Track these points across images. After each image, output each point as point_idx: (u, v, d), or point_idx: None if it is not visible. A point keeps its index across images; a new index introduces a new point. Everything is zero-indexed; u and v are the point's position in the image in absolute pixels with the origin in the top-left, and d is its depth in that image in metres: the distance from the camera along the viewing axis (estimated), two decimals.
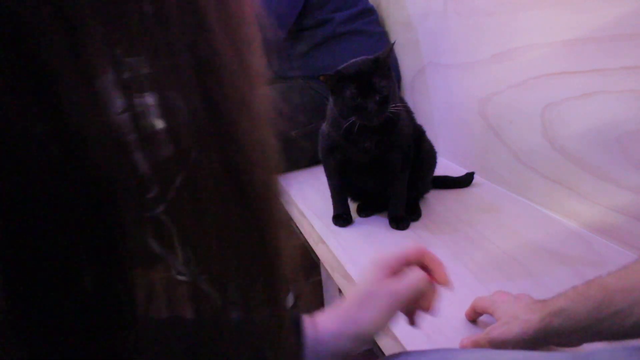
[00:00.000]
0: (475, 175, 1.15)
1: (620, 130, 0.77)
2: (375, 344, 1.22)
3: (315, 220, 1.06)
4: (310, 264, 1.68)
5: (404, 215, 0.98)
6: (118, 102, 0.20)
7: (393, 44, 0.91)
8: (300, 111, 1.33)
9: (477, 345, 0.58)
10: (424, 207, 1.04)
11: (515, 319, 0.54)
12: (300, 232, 1.15)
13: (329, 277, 1.04)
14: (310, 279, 1.60)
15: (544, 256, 0.82)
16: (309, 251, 1.74)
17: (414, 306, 0.52)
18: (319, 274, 1.34)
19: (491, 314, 0.61)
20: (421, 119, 1.13)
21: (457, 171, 1.18)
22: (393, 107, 0.87)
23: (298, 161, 1.38)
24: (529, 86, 0.95)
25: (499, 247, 0.86)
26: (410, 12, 1.36)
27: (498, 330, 0.55)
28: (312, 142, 1.35)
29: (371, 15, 1.40)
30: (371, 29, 1.38)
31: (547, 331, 0.51)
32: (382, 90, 0.85)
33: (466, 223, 0.96)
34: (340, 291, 1.11)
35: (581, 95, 0.83)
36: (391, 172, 0.96)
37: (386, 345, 0.74)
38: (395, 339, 0.69)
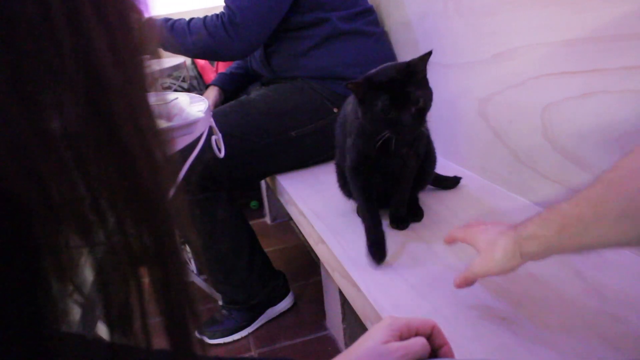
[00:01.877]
0: (475, 175, 1.15)
1: (620, 130, 0.77)
2: None
3: (315, 220, 1.06)
4: (310, 264, 1.68)
5: (404, 215, 0.98)
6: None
7: (430, 53, 0.80)
8: (300, 111, 1.32)
9: (466, 280, 0.65)
10: (424, 207, 1.04)
11: (493, 245, 0.60)
12: (300, 232, 1.14)
13: (329, 277, 1.04)
14: (310, 279, 1.60)
15: None
16: (309, 251, 1.74)
17: None
18: (319, 274, 1.34)
19: (470, 244, 0.67)
20: None
21: (457, 171, 1.18)
22: None
23: (298, 161, 1.38)
24: (529, 86, 0.95)
25: None
26: (410, 12, 1.36)
27: (480, 262, 0.62)
28: (312, 142, 1.36)
29: (371, 15, 1.40)
30: (371, 29, 1.38)
31: (522, 254, 0.57)
32: (418, 100, 0.76)
33: (466, 223, 0.96)
34: (340, 291, 1.11)
35: (581, 95, 0.83)
36: (404, 176, 0.93)
37: None
38: None
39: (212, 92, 1.58)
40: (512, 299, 0.71)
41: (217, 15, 1.28)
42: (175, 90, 1.88)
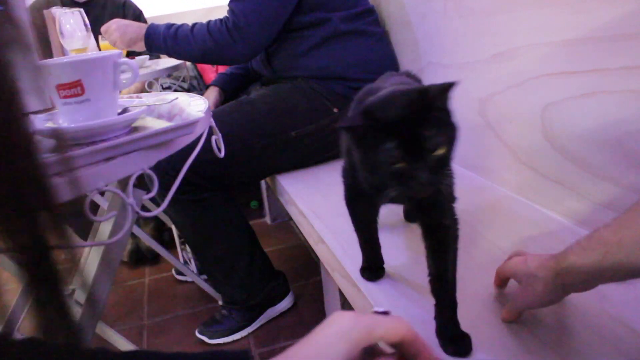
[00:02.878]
0: (475, 175, 1.15)
1: (620, 130, 0.77)
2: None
3: (315, 220, 1.06)
4: (310, 264, 1.68)
5: (460, 332, 0.72)
6: None
7: (453, 84, 0.58)
8: (300, 111, 1.32)
9: (512, 315, 0.65)
10: None
11: (534, 278, 0.59)
12: (300, 232, 1.14)
13: (329, 277, 1.04)
14: (310, 279, 1.60)
15: None
16: (309, 251, 1.74)
17: None
18: (319, 274, 1.34)
19: (513, 278, 0.68)
20: None
21: (456, 171, 1.17)
22: None
23: (298, 161, 1.38)
24: (529, 86, 0.95)
25: (499, 247, 0.86)
26: (410, 12, 1.36)
27: (522, 295, 0.63)
28: (312, 142, 1.36)
29: (371, 16, 1.40)
30: (371, 29, 1.38)
31: (564, 285, 0.56)
32: (436, 147, 0.54)
33: (466, 223, 0.96)
34: (340, 291, 1.11)
35: (581, 95, 0.83)
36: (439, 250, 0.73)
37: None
38: None
39: (213, 93, 1.58)
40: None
41: (220, 20, 1.28)
42: (175, 90, 1.88)
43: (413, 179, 0.54)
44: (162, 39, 1.32)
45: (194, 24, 1.32)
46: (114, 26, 1.38)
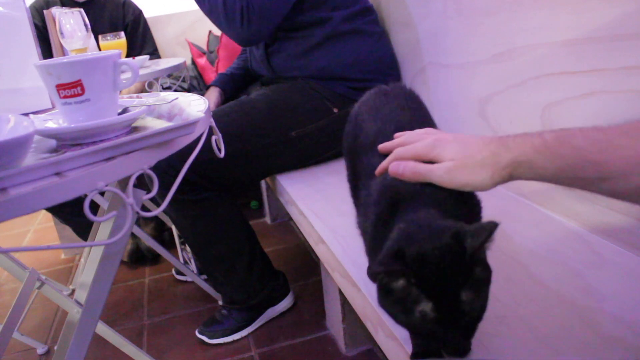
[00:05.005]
0: None
1: None
2: (375, 343, 1.22)
3: (315, 220, 1.06)
4: (310, 264, 1.68)
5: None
6: None
7: (495, 227, 0.52)
8: (300, 111, 1.32)
9: (415, 174, 0.53)
10: None
11: (473, 163, 0.52)
12: (300, 232, 1.14)
13: (329, 277, 1.04)
14: (310, 279, 1.60)
15: (544, 256, 0.82)
16: (309, 251, 1.74)
17: None
18: (319, 274, 1.34)
19: (433, 160, 0.54)
20: None
21: None
22: None
23: (298, 161, 1.38)
24: (529, 86, 0.95)
25: (498, 247, 0.86)
26: (410, 12, 1.36)
27: (459, 172, 0.52)
28: (312, 142, 1.36)
29: (371, 15, 1.40)
30: (371, 28, 1.38)
31: (511, 177, 0.52)
32: (472, 310, 0.49)
33: None
34: (340, 291, 1.11)
35: (581, 95, 0.83)
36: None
37: (386, 345, 0.74)
38: (395, 339, 0.69)
39: (213, 94, 1.58)
40: (511, 299, 0.71)
41: None
42: (176, 90, 1.88)
43: (444, 341, 0.51)
44: None
45: None
46: None
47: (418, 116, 0.75)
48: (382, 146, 0.62)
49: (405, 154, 0.56)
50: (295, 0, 1.27)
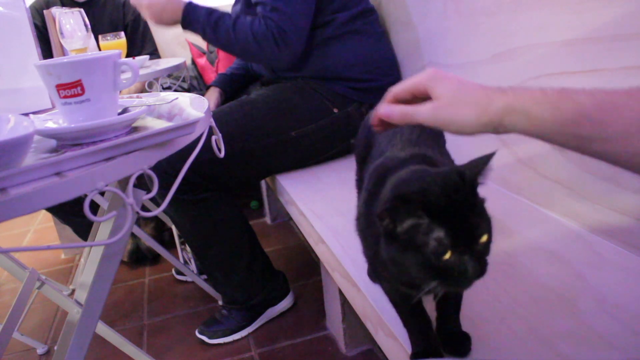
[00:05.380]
0: None
1: None
2: (375, 343, 1.22)
3: (315, 220, 1.06)
4: (310, 264, 1.68)
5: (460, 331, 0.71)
6: None
7: (491, 156, 0.54)
8: (300, 111, 1.32)
9: (402, 117, 0.52)
10: None
11: (462, 101, 0.49)
12: (300, 232, 1.14)
13: (329, 277, 1.04)
14: (310, 279, 1.60)
15: (544, 256, 0.82)
16: (309, 251, 1.74)
17: None
18: (319, 274, 1.34)
19: (425, 92, 0.52)
20: None
21: None
22: None
23: (298, 161, 1.38)
24: (529, 86, 0.95)
25: (498, 247, 0.86)
26: (410, 12, 1.36)
27: (445, 109, 0.49)
28: (312, 142, 1.36)
29: (372, 15, 1.40)
30: (371, 28, 1.38)
31: (502, 124, 0.49)
32: (482, 234, 0.50)
33: None
34: (340, 291, 1.11)
35: None
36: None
37: (386, 345, 0.74)
38: (395, 339, 0.69)
39: (214, 94, 1.58)
40: (511, 299, 0.71)
41: (264, 20, 1.22)
42: (176, 90, 1.88)
43: (461, 272, 0.49)
44: (201, 27, 1.27)
45: (236, 18, 1.26)
46: (146, 3, 1.29)
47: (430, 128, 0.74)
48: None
49: (402, 86, 0.56)
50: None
